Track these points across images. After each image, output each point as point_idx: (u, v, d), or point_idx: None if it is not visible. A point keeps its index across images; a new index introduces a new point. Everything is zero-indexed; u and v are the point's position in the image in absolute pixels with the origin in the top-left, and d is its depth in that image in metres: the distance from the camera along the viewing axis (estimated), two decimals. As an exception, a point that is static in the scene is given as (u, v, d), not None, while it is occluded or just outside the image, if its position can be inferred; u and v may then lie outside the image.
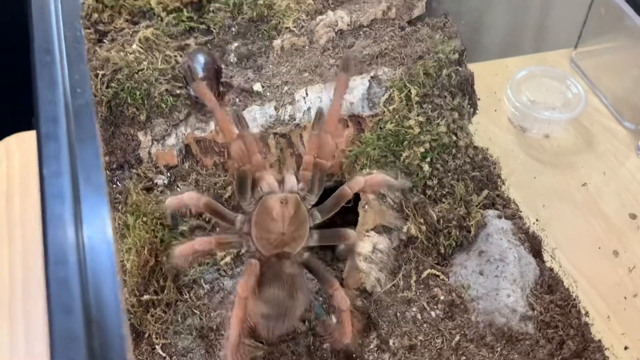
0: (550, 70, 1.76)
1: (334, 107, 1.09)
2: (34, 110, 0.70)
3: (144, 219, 1.17)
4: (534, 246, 1.25)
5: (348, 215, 1.26)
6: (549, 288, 1.19)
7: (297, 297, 1.06)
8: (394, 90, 1.25)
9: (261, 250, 1.10)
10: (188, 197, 1.08)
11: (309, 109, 1.27)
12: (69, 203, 0.62)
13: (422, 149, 1.23)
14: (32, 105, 0.72)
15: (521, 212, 1.30)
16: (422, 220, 1.20)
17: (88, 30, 1.38)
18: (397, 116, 1.24)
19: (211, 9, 1.44)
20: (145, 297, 1.14)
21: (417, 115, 1.24)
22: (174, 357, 1.12)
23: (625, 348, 1.17)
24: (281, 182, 1.15)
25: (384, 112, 1.25)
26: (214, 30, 1.43)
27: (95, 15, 1.40)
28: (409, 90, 1.24)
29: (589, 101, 1.71)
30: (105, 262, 0.65)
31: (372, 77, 1.27)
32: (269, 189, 1.11)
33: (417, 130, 1.23)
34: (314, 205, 1.14)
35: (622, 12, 1.58)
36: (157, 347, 1.13)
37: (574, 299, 1.17)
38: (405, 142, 1.24)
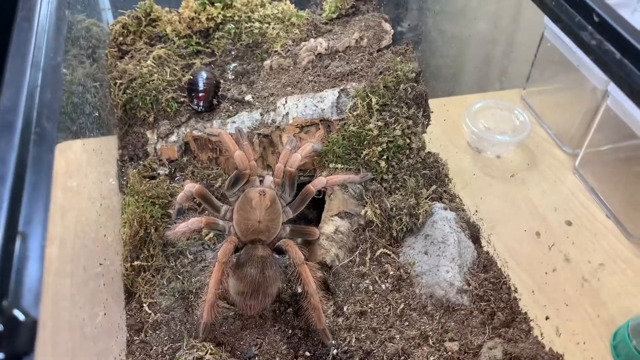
0: (501, 102, 1.69)
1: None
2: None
3: (136, 197, 1.12)
4: (473, 233, 1.16)
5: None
6: (484, 267, 1.11)
7: (268, 275, 0.99)
8: (358, 99, 1.19)
9: (239, 235, 1.05)
10: (187, 186, 1.07)
11: (287, 113, 1.21)
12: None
13: (380, 149, 1.17)
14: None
15: (464, 205, 1.22)
16: (377, 206, 1.12)
17: (113, 49, 1.35)
18: (359, 120, 1.18)
19: (216, 36, 1.40)
20: (137, 263, 1.08)
21: (377, 121, 1.18)
22: (159, 314, 1.05)
23: (547, 318, 1.06)
24: (261, 179, 1.11)
25: (349, 117, 1.19)
26: (217, 54, 1.39)
27: (121, 38, 1.38)
28: (371, 100, 1.18)
29: (534, 131, 1.63)
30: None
31: (341, 90, 1.22)
32: (251, 185, 1.09)
33: (376, 132, 1.17)
34: (287, 204, 1.11)
35: (564, 59, 1.52)
36: (144, 305, 1.06)
37: (505, 277, 1.09)
38: (366, 142, 1.17)
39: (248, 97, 1.28)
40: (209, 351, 0.96)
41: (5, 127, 0.57)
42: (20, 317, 0.46)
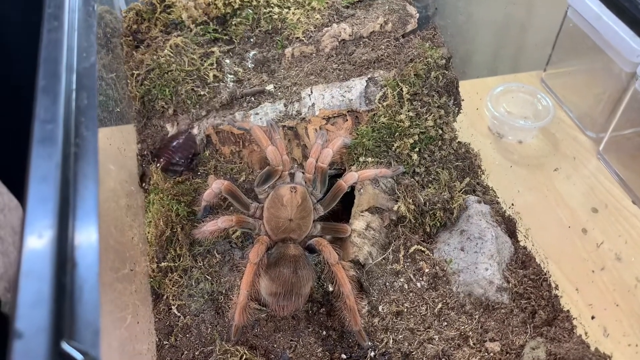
0: (523, 86, 1.64)
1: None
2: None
3: (161, 195, 1.07)
4: (510, 227, 1.12)
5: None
6: (523, 264, 1.07)
7: (301, 275, 0.95)
8: (387, 89, 1.14)
9: (270, 234, 1.00)
10: (214, 183, 1.02)
11: (313, 104, 1.16)
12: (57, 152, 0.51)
13: (411, 140, 1.12)
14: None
15: (498, 197, 1.17)
16: (410, 201, 1.08)
17: (128, 38, 1.29)
18: (390, 111, 1.13)
19: (234, 22, 1.34)
20: (164, 264, 1.04)
21: (408, 111, 1.12)
22: (188, 317, 1.01)
23: (592, 317, 1.03)
24: (292, 175, 1.06)
25: (379, 107, 1.14)
26: (235, 41, 1.33)
27: (135, 26, 1.31)
28: (401, 89, 1.13)
29: (556, 114, 1.58)
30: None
31: (369, 79, 1.16)
32: (282, 181, 1.05)
33: (407, 123, 1.12)
34: (318, 201, 1.07)
35: (588, 40, 1.46)
36: (173, 307, 1.02)
37: (545, 274, 1.05)
38: (397, 134, 1.12)
39: (270, 87, 1.23)
40: (243, 355, 0.93)
41: (47, 139, 0.51)
42: (79, 357, 0.41)
